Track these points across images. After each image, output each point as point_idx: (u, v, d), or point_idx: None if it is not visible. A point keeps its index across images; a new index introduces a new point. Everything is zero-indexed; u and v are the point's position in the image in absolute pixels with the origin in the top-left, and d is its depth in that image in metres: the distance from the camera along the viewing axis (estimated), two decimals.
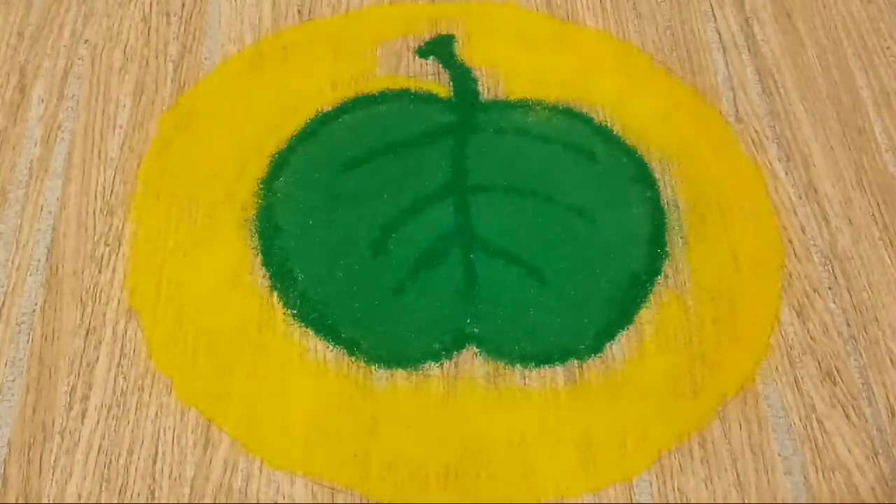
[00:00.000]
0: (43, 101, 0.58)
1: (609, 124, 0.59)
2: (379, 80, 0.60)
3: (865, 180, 0.57)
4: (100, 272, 0.52)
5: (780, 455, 0.47)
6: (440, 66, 0.61)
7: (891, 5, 0.65)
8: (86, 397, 0.48)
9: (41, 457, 0.46)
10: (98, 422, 0.47)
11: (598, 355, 0.50)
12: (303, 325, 0.51)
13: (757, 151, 0.58)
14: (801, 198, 0.56)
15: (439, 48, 0.62)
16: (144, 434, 0.47)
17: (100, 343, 0.49)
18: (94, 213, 0.54)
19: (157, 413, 0.47)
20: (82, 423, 0.47)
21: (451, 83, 0.60)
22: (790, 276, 0.53)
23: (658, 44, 0.63)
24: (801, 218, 0.56)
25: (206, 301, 0.51)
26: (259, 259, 0.53)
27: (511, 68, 0.61)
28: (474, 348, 0.50)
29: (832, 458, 0.47)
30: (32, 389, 0.48)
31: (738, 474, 0.47)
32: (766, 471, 0.47)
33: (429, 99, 0.60)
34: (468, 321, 0.51)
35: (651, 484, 0.46)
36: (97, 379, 0.48)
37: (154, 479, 0.46)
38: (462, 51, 0.62)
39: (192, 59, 0.61)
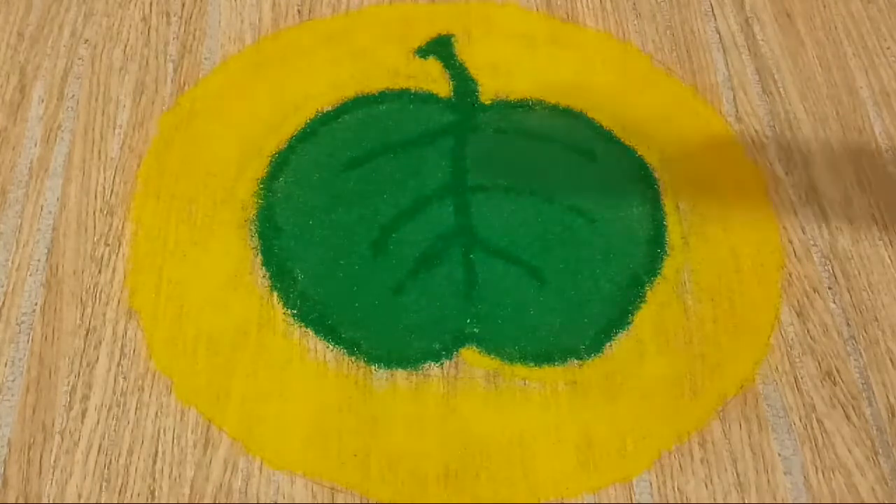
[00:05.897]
0: (43, 101, 0.58)
1: (609, 124, 0.59)
2: (379, 80, 0.60)
3: (865, 180, 0.57)
4: (100, 272, 0.52)
5: (780, 455, 0.47)
6: (440, 66, 0.61)
7: (891, 5, 0.65)
8: (86, 397, 0.48)
9: (41, 457, 0.46)
10: (98, 422, 0.47)
11: (598, 355, 0.50)
12: (303, 325, 0.51)
13: (757, 151, 0.58)
14: (801, 198, 0.56)
15: (439, 48, 0.62)
16: (144, 434, 0.47)
17: (100, 343, 0.49)
18: (94, 213, 0.54)
19: (157, 413, 0.47)
20: (82, 423, 0.47)
21: (451, 83, 0.60)
22: (790, 276, 0.53)
23: (658, 44, 0.63)
24: (801, 218, 0.56)
25: (206, 301, 0.51)
26: (259, 259, 0.53)
27: (511, 68, 0.61)
28: (474, 348, 0.50)
29: (832, 458, 0.47)
30: (32, 389, 0.48)
31: (738, 474, 0.47)
32: (766, 471, 0.47)
33: (429, 99, 0.60)
34: (468, 321, 0.51)
35: (651, 484, 0.46)
36: (97, 379, 0.48)
37: (154, 479, 0.46)
38: (462, 51, 0.62)
39: (192, 59, 0.61)
